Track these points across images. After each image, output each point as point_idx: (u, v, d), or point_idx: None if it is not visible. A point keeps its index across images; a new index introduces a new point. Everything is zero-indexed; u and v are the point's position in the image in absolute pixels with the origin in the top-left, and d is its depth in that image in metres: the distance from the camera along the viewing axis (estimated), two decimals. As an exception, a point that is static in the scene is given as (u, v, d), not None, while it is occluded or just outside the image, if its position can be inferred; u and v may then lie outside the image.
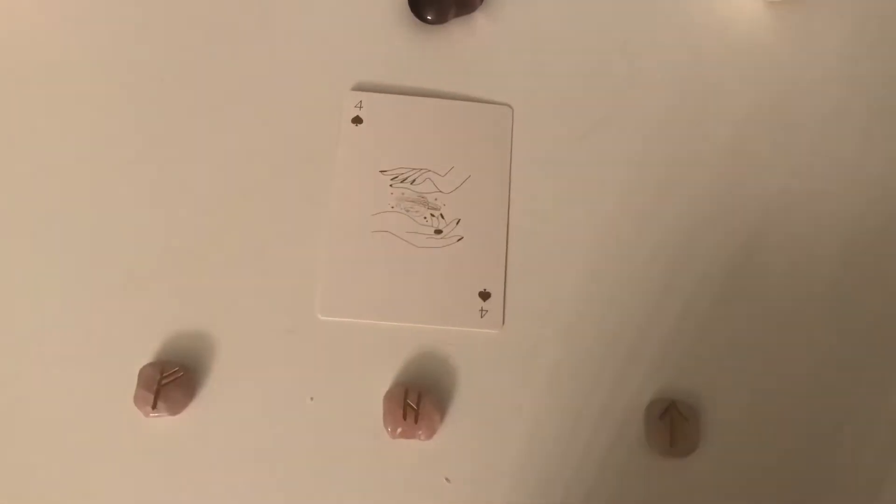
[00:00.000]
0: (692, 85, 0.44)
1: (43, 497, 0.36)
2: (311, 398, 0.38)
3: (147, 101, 0.43)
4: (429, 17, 0.44)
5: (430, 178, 0.42)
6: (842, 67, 0.45)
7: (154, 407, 0.37)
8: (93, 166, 0.41)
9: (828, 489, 0.38)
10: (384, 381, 0.38)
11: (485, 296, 0.40)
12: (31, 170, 0.41)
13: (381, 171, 0.42)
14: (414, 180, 0.42)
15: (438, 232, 0.41)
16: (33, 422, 0.37)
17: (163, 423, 0.37)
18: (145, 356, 0.38)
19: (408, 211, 0.41)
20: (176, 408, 0.37)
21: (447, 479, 0.37)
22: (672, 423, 0.38)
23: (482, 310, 0.40)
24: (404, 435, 0.37)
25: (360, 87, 0.43)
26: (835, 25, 0.46)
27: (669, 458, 0.38)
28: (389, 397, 0.38)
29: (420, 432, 0.37)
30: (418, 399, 0.37)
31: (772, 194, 0.42)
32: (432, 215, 0.41)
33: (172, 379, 0.38)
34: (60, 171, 0.41)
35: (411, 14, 0.44)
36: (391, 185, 0.42)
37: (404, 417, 0.37)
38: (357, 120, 0.43)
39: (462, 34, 0.45)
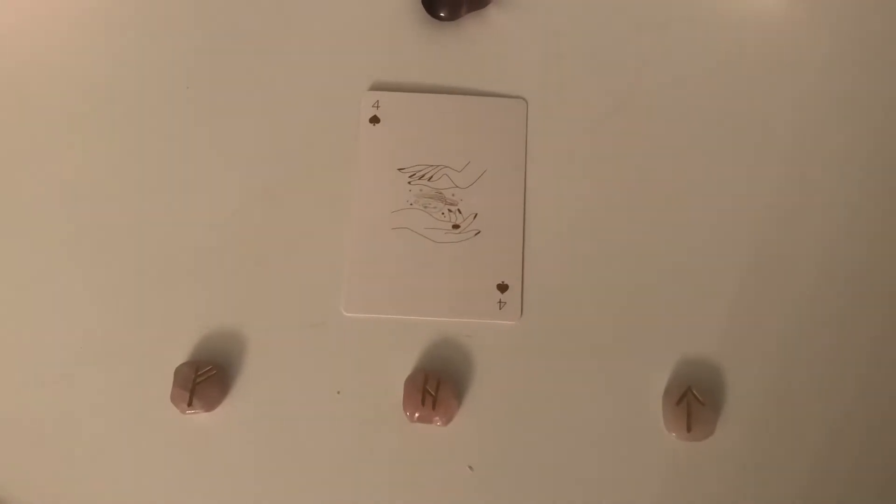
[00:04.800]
0: (707, 73, 0.44)
1: (82, 493, 0.39)
2: (339, 392, 0.40)
3: (168, 106, 0.44)
4: (442, 14, 0.45)
5: (446, 174, 0.43)
6: (857, 57, 0.45)
7: (190, 404, 0.39)
8: (123, 172, 0.43)
9: (845, 476, 0.38)
10: (406, 373, 0.40)
11: (503, 288, 0.41)
12: (65, 175, 0.43)
13: (400, 169, 0.43)
14: (431, 177, 0.43)
15: (456, 227, 0.42)
16: (73, 421, 0.39)
17: (198, 419, 0.39)
18: (180, 356, 0.40)
19: (426, 207, 0.42)
20: (210, 405, 0.39)
21: (470, 468, 0.38)
22: (689, 408, 0.38)
23: (500, 302, 0.41)
24: (422, 419, 0.38)
25: (376, 87, 0.44)
26: (849, 13, 0.45)
27: (687, 441, 0.38)
28: (409, 382, 0.39)
29: (437, 418, 0.38)
30: (437, 386, 0.39)
31: (794, 180, 0.42)
32: (450, 210, 0.42)
33: (206, 377, 0.39)
34: (94, 177, 0.43)
35: (424, 12, 0.45)
36: (409, 182, 0.43)
37: (423, 403, 0.38)
38: (375, 119, 0.44)
39: (475, 29, 0.45)
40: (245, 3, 0.46)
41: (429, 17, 0.45)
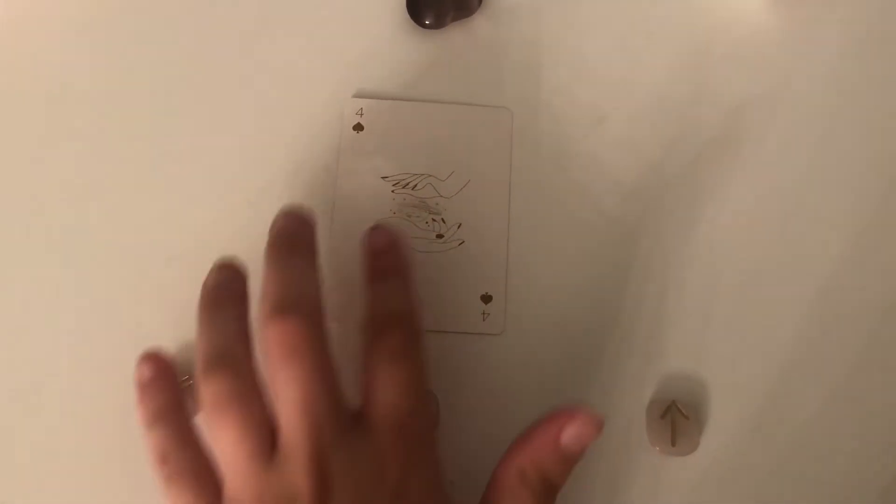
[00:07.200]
0: (692, 83, 0.44)
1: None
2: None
3: (149, 111, 0.44)
4: (427, 22, 0.45)
5: (430, 184, 0.42)
6: (845, 66, 0.45)
7: (166, 415, 0.38)
8: (101, 176, 0.42)
9: (829, 491, 0.38)
10: (388, 385, 0.39)
11: (486, 299, 0.41)
12: (39, 179, 0.42)
13: (383, 178, 0.43)
14: (415, 186, 0.42)
15: (440, 237, 0.42)
16: (46, 431, 0.39)
17: (175, 430, 0.38)
18: (156, 366, 0.39)
19: (409, 216, 0.42)
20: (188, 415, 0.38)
21: (451, 482, 0.38)
22: (673, 422, 0.38)
23: (484, 313, 0.40)
24: None
25: (360, 94, 0.44)
26: (838, 23, 0.45)
27: (672, 456, 0.38)
28: None
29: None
30: None
31: (773, 190, 0.43)
32: (433, 220, 0.42)
33: (184, 386, 0.39)
34: (69, 181, 0.42)
35: (409, 19, 0.45)
36: (393, 191, 0.42)
37: None
38: (358, 127, 0.43)
39: (461, 38, 0.45)
40: (227, 8, 0.46)
41: (414, 24, 0.45)
